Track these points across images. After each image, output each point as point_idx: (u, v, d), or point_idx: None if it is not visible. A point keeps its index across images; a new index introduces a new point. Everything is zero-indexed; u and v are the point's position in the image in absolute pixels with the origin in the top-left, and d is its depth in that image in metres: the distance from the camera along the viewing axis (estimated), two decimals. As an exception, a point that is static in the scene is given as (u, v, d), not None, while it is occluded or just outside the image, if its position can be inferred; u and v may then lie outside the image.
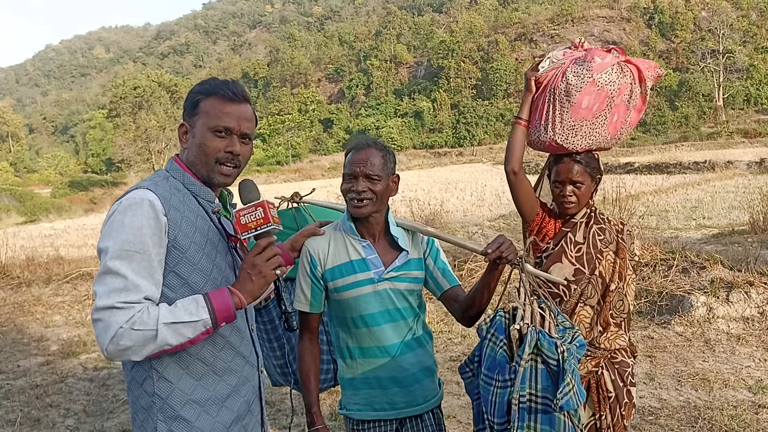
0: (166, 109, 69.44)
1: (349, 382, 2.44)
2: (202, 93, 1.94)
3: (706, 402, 4.72)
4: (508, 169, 2.74)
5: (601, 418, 2.71)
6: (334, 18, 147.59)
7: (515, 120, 2.79)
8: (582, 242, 2.74)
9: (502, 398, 2.06)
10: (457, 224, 12.63)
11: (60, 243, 15.61)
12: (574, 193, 2.72)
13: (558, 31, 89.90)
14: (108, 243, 1.74)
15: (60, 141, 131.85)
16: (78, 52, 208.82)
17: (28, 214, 40.85)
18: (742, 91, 74.34)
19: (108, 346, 1.68)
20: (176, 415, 1.86)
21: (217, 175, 1.93)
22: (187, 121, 1.95)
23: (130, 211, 1.76)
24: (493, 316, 2.22)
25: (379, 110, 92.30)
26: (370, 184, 2.30)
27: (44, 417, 5.20)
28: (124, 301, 1.69)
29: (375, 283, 2.33)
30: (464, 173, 40.58)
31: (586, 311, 2.70)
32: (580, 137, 2.67)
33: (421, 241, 2.49)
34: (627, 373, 2.76)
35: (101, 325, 1.68)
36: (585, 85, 2.60)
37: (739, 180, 22.87)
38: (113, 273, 1.71)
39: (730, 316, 6.30)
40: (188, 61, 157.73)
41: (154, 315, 1.71)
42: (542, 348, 2.02)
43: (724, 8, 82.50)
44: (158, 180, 1.90)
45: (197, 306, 1.76)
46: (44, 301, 9.01)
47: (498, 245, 2.19)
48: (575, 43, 2.83)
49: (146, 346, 1.70)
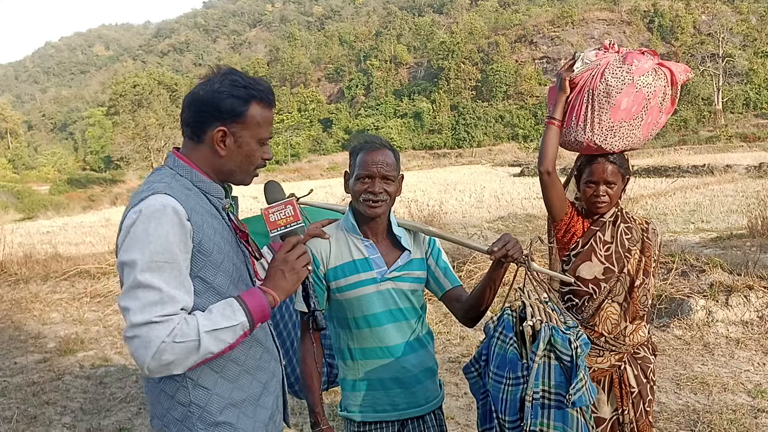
0: (166, 107, 69.48)
1: (350, 383, 2.41)
2: (248, 98, 1.84)
3: (705, 406, 4.72)
4: (542, 169, 2.75)
5: (624, 413, 2.75)
6: (335, 18, 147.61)
7: (548, 120, 2.79)
8: (611, 241, 2.79)
9: (514, 396, 2.06)
10: (455, 225, 12.66)
11: (58, 240, 15.60)
12: (607, 192, 2.75)
13: (558, 33, 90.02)
14: (134, 255, 1.65)
15: (59, 138, 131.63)
16: (78, 50, 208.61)
17: (26, 211, 40.78)
18: (742, 95, 74.45)
19: (150, 363, 1.60)
20: (216, 421, 1.81)
21: (248, 179, 1.94)
22: (230, 125, 1.83)
23: (154, 220, 1.67)
24: (500, 314, 2.22)
25: (378, 111, 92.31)
26: (386, 185, 2.30)
27: (41, 414, 5.18)
28: (161, 314, 1.62)
29: (378, 283, 2.32)
30: (463, 174, 40.58)
31: (614, 308, 2.75)
32: (618, 138, 2.70)
33: (422, 241, 2.48)
34: (650, 369, 2.82)
35: (138, 342, 1.61)
36: (625, 86, 2.63)
37: (737, 184, 22.88)
38: (145, 286, 1.63)
39: (730, 319, 6.29)
40: (188, 60, 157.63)
41: (194, 325, 1.65)
42: (556, 344, 2.02)
43: (724, 12, 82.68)
44: (169, 181, 1.80)
45: (232, 309, 1.72)
46: (42, 299, 8.99)
47: (504, 243, 2.19)
48: (605, 45, 2.85)
49: (189, 358, 1.64)
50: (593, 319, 2.74)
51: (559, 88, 2.76)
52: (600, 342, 2.74)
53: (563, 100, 2.75)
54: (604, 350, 2.74)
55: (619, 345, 2.75)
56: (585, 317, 2.76)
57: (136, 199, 1.75)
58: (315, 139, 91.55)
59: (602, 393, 2.77)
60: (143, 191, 1.76)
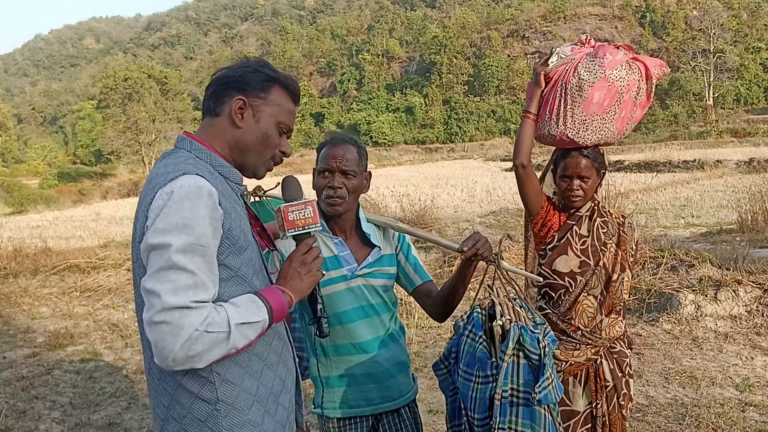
0: (156, 101, 69.03)
1: (323, 380, 2.41)
2: (273, 79, 1.80)
3: (693, 399, 4.75)
4: (517, 162, 2.76)
5: (597, 407, 2.76)
6: (327, 11, 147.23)
7: (524, 114, 2.81)
8: (587, 235, 2.81)
9: (483, 394, 2.09)
10: (447, 220, 12.64)
11: (48, 234, 15.46)
12: (581, 187, 2.77)
13: (550, 28, 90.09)
14: (168, 238, 1.52)
15: (49, 132, 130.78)
16: (68, 42, 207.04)
17: (16, 205, 40.60)
18: (732, 90, 74.72)
19: (177, 352, 1.48)
20: (243, 420, 1.69)
21: (262, 170, 1.84)
22: (251, 98, 1.76)
23: (189, 201, 1.55)
24: (470, 312, 2.24)
25: (370, 105, 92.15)
26: (345, 180, 2.31)
27: (30, 409, 5.16)
28: (196, 300, 1.50)
29: (348, 280, 2.33)
30: (455, 169, 40.52)
31: (589, 301, 2.77)
32: (590, 132, 2.71)
33: (392, 236, 2.50)
34: (626, 363, 2.85)
35: (167, 328, 1.47)
36: (597, 80, 2.64)
37: (728, 179, 22.99)
38: (179, 268, 1.51)
39: (718, 314, 6.33)
40: (179, 53, 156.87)
41: (224, 316, 1.55)
42: (524, 343, 2.06)
43: (716, 8, 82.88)
44: (195, 162, 1.68)
45: (257, 305, 1.64)
46: (31, 293, 8.94)
47: (474, 242, 2.21)
48: (581, 39, 2.87)
49: (214, 350, 1.53)
50: (570, 312, 2.77)
51: (534, 83, 2.79)
52: (576, 335, 2.76)
53: (538, 94, 2.77)
54: (580, 344, 2.77)
55: (595, 339, 2.77)
56: (562, 311, 2.78)
57: (161, 179, 1.61)
58: (307, 133, 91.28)
59: (578, 386, 2.80)
60: (170, 172, 1.62)
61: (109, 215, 23.67)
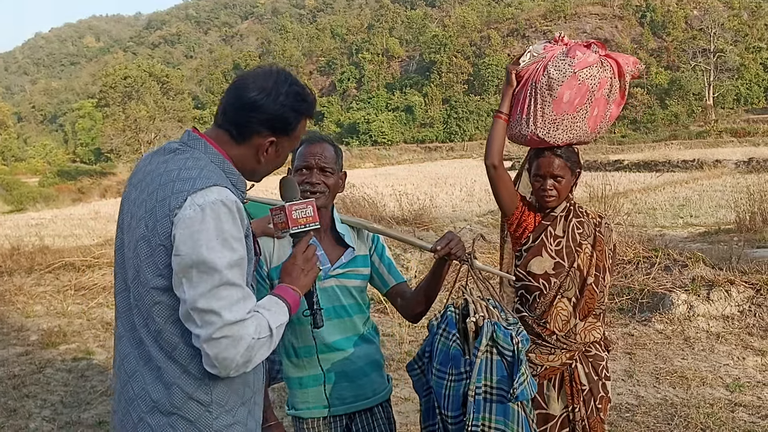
0: (156, 100, 69.10)
1: (296, 381, 2.41)
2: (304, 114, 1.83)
3: (683, 400, 4.75)
4: (488, 162, 2.74)
5: (574, 411, 2.74)
6: (327, 10, 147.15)
7: (495, 114, 2.80)
8: (561, 236, 2.77)
9: (456, 391, 2.09)
10: (445, 219, 12.64)
11: (46, 233, 15.46)
12: (554, 186, 2.73)
13: (550, 27, 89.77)
14: (213, 255, 1.58)
15: (48, 130, 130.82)
16: (68, 41, 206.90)
17: (15, 203, 40.57)
18: (732, 90, 74.70)
19: (239, 360, 1.59)
20: (231, 422, 1.74)
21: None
22: (278, 138, 1.80)
23: (225, 216, 1.62)
24: (443, 311, 2.24)
25: (370, 104, 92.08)
26: (323, 177, 2.32)
27: (20, 407, 5.16)
28: (248, 311, 1.62)
29: (321, 280, 2.32)
30: (454, 168, 40.56)
31: (563, 303, 2.73)
32: (561, 131, 2.68)
33: (366, 237, 2.50)
34: (601, 367, 2.80)
35: (227, 342, 1.57)
36: (566, 79, 2.61)
37: (727, 179, 23.00)
38: (230, 284, 1.60)
39: (710, 314, 6.33)
40: (179, 52, 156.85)
41: (265, 320, 1.65)
42: (498, 340, 2.06)
43: (716, 7, 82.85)
44: (213, 168, 1.71)
45: (280, 307, 1.73)
46: (25, 291, 8.92)
47: (447, 242, 2.22)
48: (555, 37, 2.84)
49: (261, 353, 1.65)
50: (545, 315, 2.73)
51: (506, 82, 2.77)
52: (551, 340, 2.72)
53: (509, 93, 2.75)
54: (555, 348, 2.72)
55: (570, 343, 2.73)
56: (537, 314, 2.74)
57: (186, 185, 1.64)
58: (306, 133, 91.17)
59: (552, 390, 2.75)
60: (195, 178, 1.65)
61: (108, 214, 23.63)
